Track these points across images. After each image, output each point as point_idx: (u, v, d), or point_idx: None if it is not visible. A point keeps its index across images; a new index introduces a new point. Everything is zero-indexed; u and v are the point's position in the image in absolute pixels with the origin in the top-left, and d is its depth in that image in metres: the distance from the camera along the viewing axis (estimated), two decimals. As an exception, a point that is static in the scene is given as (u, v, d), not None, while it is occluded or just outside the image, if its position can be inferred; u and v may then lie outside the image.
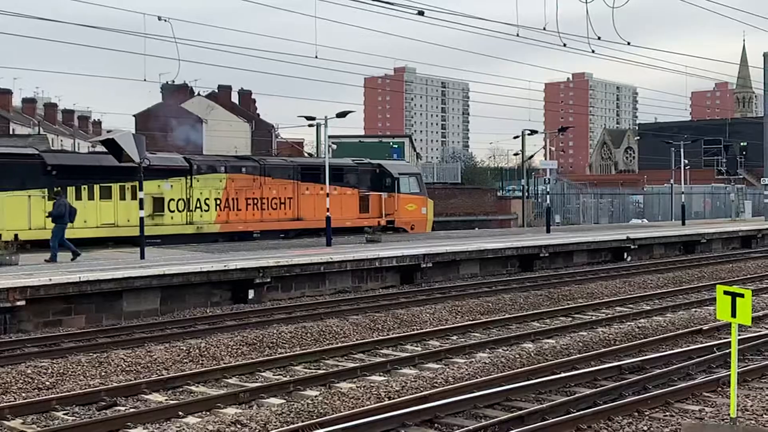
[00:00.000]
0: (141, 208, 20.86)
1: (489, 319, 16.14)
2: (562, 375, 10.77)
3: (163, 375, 11.52)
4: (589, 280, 22.47)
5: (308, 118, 29.49)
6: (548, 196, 35.74)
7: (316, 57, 26.82)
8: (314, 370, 11.89)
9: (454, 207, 48.75)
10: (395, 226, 32.19)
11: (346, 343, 13.69)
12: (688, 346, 12.95)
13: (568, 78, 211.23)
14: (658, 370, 10.95)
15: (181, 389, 10.87)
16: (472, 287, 21.22)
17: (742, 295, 8.34)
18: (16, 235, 21.24)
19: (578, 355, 12.29)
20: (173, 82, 60.58)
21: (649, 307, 17.79)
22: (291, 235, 28.68)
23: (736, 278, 23.15)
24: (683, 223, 39.18)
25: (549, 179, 36.81)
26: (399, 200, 32.40)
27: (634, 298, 19.26)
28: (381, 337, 14.21)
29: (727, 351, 10.48)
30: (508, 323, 15.91)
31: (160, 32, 24.05)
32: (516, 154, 64.44)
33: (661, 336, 13.87)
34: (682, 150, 41.69)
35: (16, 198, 22.18)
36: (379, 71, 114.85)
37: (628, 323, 15.66)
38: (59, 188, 21.76)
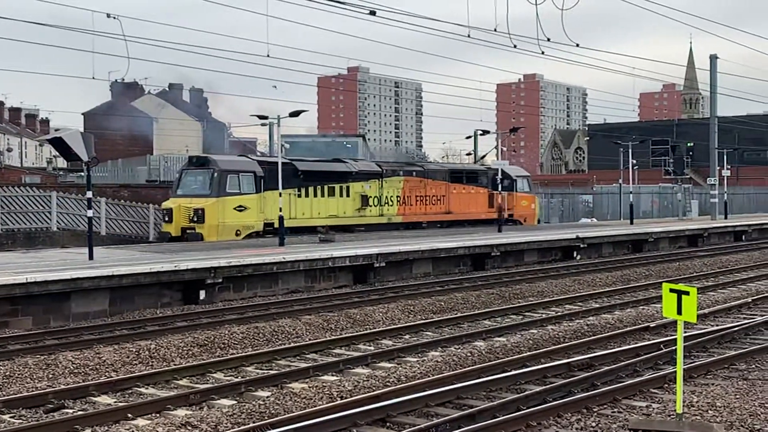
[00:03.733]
0: (89, 207, 20.55)
1: (441, 318, 16.21)
2: (513, 373, 10.88)
3: (112, 377, 11.36)
4: (540, 279, 22.72)
5: (261, 117, 29.31)
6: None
7: (268, 56, 26.67)
8: (266, 371, 11.82)
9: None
10: (514, 219, 38.19)
11: (298, 343, 13.64)
12: (636, 343, 13.18)
13: (519, 79, 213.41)
14: (607, 367, 11.12)
15: (130, 391, 10.73)
16: (424, 286, 21.30)
17: (687, 293, 8.51)
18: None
19: (528, 353, 12.42)
20: (123, 80, 59.75)
21: (598, 305, 18.04)
22: (445, 225, 34.93)
23: (682, 276, 23.61)
24: (631, 222, 39.81)
25: (500, 179, 37.13)
26: (516, 198, 38.66)
27: (583, 296, 19.52)
28: (334, 337, 14.19)
29: (673, 348, 10.67)
30: (460, 322, 16.00)
31: (109, 30, 23.69)
32: (468, 154, 64.94)
33: (610, 333, 14.08)
34: (630, 150, 42.41)
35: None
36: (332, 70, 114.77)
37: (578, 321, 15.88)
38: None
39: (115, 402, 10.18)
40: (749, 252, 31.68)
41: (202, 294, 18.28)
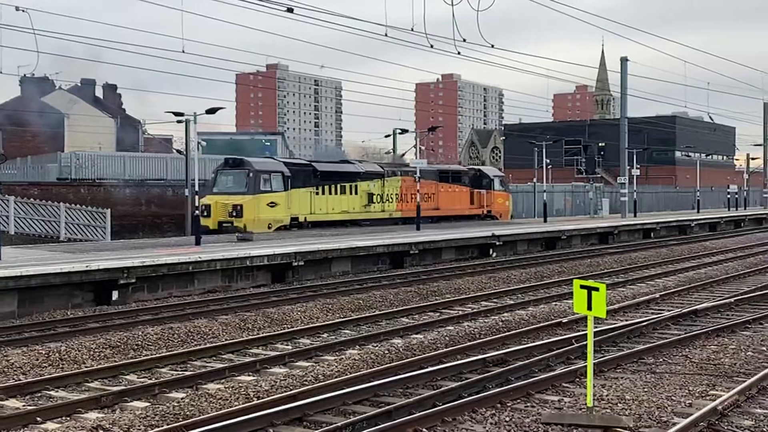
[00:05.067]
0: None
1: (359, 316, 16.22)
2: (429, 369, 10.96)
3: (20, 380, 10.98)
4: (457, 276, 22.98)
5: (176, 114, 28.79)
6: (418, 194, 36.35)
7: (183, 51, 26.20)
8: (181, 372, 11.62)
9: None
10: (492, 215, 41.96)
11: (214, 344, 13.45)
12: (549, 338, 13.46)
13: (437, 79, 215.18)
14: (520, 362, 11.32)
15: (39, 394, 10.40)
16: (343, 285, 21.28)
17: (597, 289, 8.73)
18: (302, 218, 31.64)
19: (445, 349, 12.56)
20: (33, 75, 57.79)
21: (512, 302, 18.37)
22: (435, 220, 38.12)
23: (593, 273, 24.24)
24: (545, 220, 40.68)
25: (419, 177, 37.41)
26: (494, 196, 42.33)
27: (498, 292, 19.84)
28: (251, 337, 14.06)
29: (584, 343, 10.93)
30: (378, 320, 16.05)
31: (17, 23, 22.90)
32: (387, 153, 65.11)
33: (524, 329, 14.35)
34: (544, 150, 43.35)
35: (301, 192, 31.64)
36: (251, 68, 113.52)
37: (493, 317, 16.13)
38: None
39: (24, 406, 9.84)
40: (657, 249, 32.75)
41: (115, 294, 17.85)
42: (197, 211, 25.57)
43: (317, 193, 32.73)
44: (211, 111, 26.15)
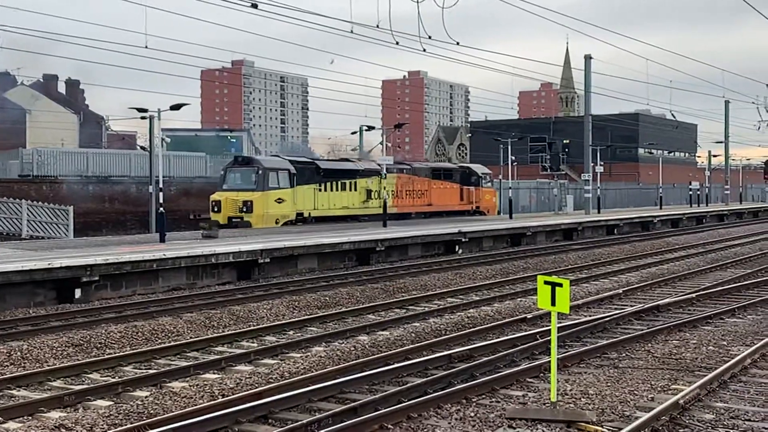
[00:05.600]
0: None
1: (326, 313, 16.20)
2: (395, 366, 10.98)
3: (-21, 381, 10.80)
4: (423, 273, 23.04)
5: (140, 110, 28.50)
6: (384, 191, 36.40)
7: (146, 47, 25.93)
8: (145, 371, 11.51)
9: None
10: (480, 210, 44.07)
11: (179, 342, 13.36)
12: (514, 334, 13.55)
13: (404, 76, 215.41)
14: (486, 358, 11.38)
15: (1, 394, 10.24)
16: (309, 282, 21.23)
17: (560, 285, 8.81)
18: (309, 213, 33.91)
19: (411, 346, 12.58)
20: (-7, 70, 56.94)
21: (478, 298, 18.47)
22: (428, 215, 40.28)
23: (558, 269, 24.44)
24: (510, 217, 40.89)
25: (386, 174, 37.42)
26: (482, 192, 44.44)
27: (464, 289, 19.93)
28: (216, 335, 13.97)
29: (548, 338, 11.03)
30: (344, 317, 16.04)
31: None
32: (354, 150, 65.04)
33: (489, 325, 14.43)
34: (509, 147, 43.58)
35: (306, 189, 33.58)
36: (216, 64, 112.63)
37: (459, 313, 16.20)
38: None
39: (-17, 407, 9.67)
40: (620, 245, 33.11)
41: (78, 293, 17.62)
42: (161, 208, 25.34)
43: (320, 190, 34.69)
44: (176, 107, 25.93)
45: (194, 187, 43.34)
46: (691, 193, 65.71)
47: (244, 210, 31.60)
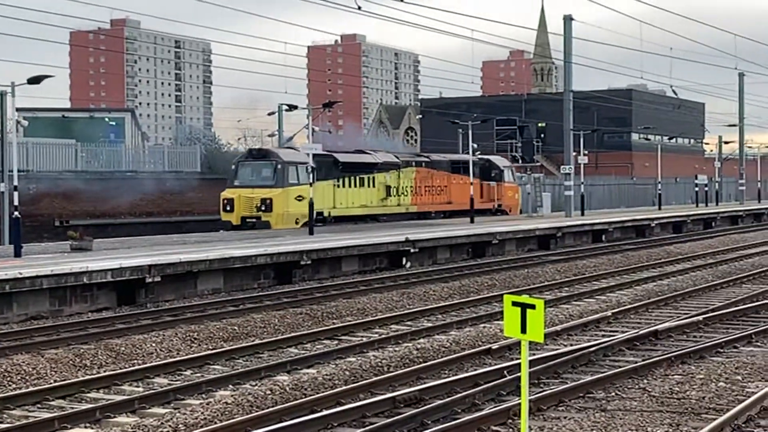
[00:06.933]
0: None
1: (234, 347, 16.15)
2: (324, 413, 10.97)
3: None
4: (361, 293, 23.07)
5: (-12, 85, 27.94)
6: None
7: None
8: (-6, 425, 11.29)
9: (191, 203, 48.19)
10: (501, 208, 48.49)
11: (40, 387, 13.18)
12: (475, 369, 13.64)
13: (336, 41, 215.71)
14: (439, 401, 11.44)
15: None
16: (213, 306, 21.14)
17: (533, 307, 8.84)
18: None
19: (344, 387, 12.59)
20: None
21: (430, 324, 18.55)
22: (447, 214, 44.50)
23: (532, 286, 24.71)
24: (472, 221, 41.17)
25: (312, 167, 37.34)
26: (504, 188, 49.02)
27: (413, 313, 20.01)
28: (89, 377, 13.83)
29: (518, 375, 11.10)
30: (258, 351, 16.01)
31: None
32: (272, 135, 64.77)
33: (444, 359, 14.50)
34: (470, 131, 43.83)
35: (325, 185, 37.27)
36: (90, 24, 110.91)
37: (406, 345, 16.24)
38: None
39: None
40: (609, 255, 33.63)
41: None
42: (16, 212, 24.92)
43: (338, 186, 38.56)
44: (35, 80, 25.47)
45: (61, 185, 42.69)
46: (697, 189, 67.05)
47: (262, 209, 35.01)
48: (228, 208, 34.40)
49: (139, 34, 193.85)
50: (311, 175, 34.22)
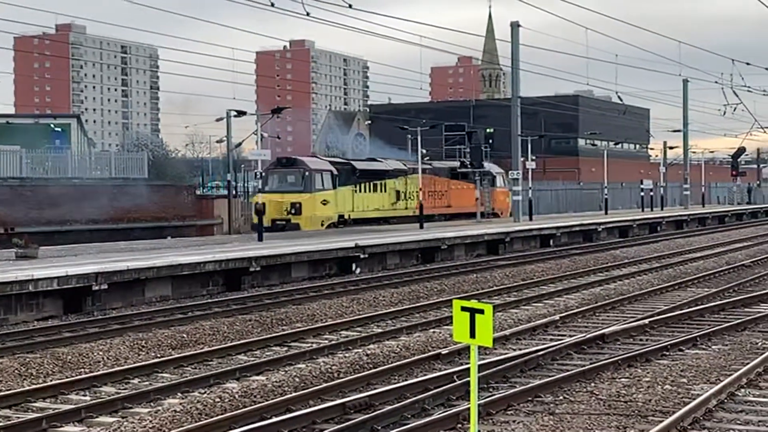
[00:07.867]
0: None
1: (182, 354, 16.02)
2: (273, 420, 10.93)
3: None
4: (310, 299, 23.04)
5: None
6: (261, 195, 36.25)
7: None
8: (-63, 437, 11.10)
9: (138, 210, 47.74)
10: (494, 212, 52.40)
11: (-16, 397, 12.95)
12: (425, 375, 13.67)
13: (285, 47, 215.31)
14: (389, 407, 11.44)
15: None
16: (161, 314, 20.99)
17: (482, 311, 8.89)
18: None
19: (294, 394, 12.56)
20: None
21: (380, 330, 18.58)
22: (447, 217, 48.96)
23: (481, 290, 24.82)
24: (421, 226, 41.30)
25: (262, 173, 37.22)
26: (496, 193, 53.37)
27: (363, 319, 20.01)
28: (35, 386, 13.61)
29: (467, 379, 11.15)
30: (207, 358, 15.90)
31: None
32: (220, 141, 64.51)
33: (394, 364, 14.51)
34: (419, 137, 43.94)
35: (345, 190, 42.18)
36: (35, 29, 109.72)
37: (356, 350, 16.24)
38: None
39: None
40: (558, 260, 33.90)
41: None
42: None
43: (356, 191, 43.12)
44: (-21, 86, 25.18)
45: (5, 192, 42.08)
46: (642, 194, 67.82)
47: (292, 212, 39.64)
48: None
49: (85, 39, 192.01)
50: (335, 181, 40.54)
